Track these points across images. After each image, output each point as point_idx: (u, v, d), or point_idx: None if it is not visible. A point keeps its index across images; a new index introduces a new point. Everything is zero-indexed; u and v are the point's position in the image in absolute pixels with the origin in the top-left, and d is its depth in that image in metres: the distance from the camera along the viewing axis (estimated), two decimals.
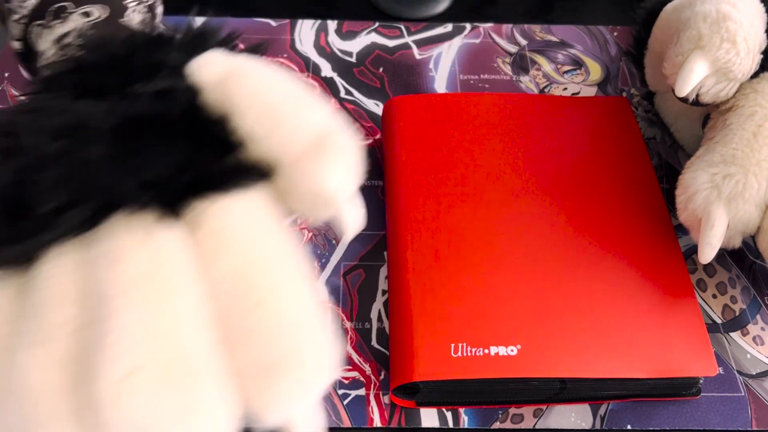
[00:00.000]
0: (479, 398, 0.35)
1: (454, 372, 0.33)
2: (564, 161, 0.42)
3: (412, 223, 0.39)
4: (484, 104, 0.45)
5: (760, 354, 0.38)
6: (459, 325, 0.35)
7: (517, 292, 0.36)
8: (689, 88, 0.36)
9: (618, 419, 0.35)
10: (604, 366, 0.34)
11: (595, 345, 0.34)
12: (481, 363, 0.33)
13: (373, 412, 0.35)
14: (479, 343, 0.34)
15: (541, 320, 0.35)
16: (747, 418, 0.36)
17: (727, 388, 0.37)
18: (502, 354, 0.34)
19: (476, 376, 0.33)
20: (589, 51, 0.53)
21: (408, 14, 0.56)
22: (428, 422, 0.35)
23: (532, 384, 0.34)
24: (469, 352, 0.34)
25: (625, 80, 0.51)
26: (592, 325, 0.35)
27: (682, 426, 0.35)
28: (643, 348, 0.34)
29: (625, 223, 0.39)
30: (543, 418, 0.35)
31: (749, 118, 0.36)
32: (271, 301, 0.26)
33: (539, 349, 0.34)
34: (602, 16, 0.56)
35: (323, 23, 0.54)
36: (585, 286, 0.36)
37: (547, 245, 0.38)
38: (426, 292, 0.36)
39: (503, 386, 0.35)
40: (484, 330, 0.34)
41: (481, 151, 0.42)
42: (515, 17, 0.56)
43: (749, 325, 0.39)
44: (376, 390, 0.36)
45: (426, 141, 0.42)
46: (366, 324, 0.38)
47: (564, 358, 0.34)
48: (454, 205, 0.39)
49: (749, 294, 0.40)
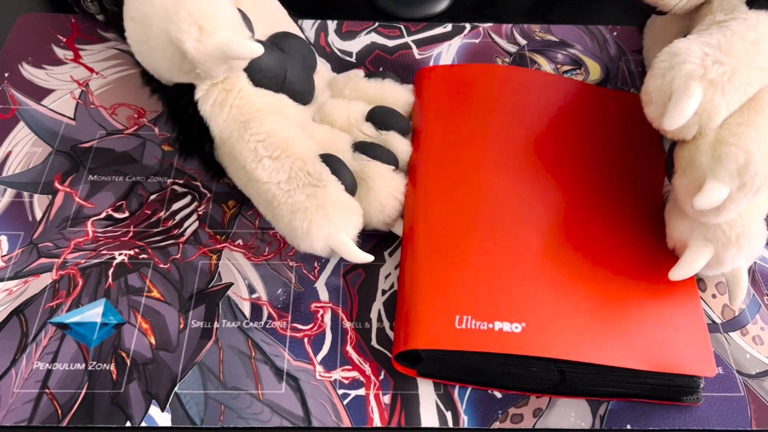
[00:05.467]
0: (478, 378, 0.35)
1: (457, 343, 0.33)
2: (581, 149, 0.42)
3: (428, 191, 0.39)
4: (516, 79, 0.44)
5: (759, 354, 0.38)
6: (465, 297, 0.34)
7: (525, 271, 0.36)
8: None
9: (618, 419, 0.35)
10: (604, 353, 0.33)
11: (597, 331, 0.34)
12: (484, 337, 0.33)
13: (373, 412, 0.35)
14: (484, 317, 0.34)
15: (547, 300, 0.35)
16: (747, 418, 0.36)
17: (727, 388, 0.37)
18: (506, 330, 0.33)
19: (479, 349, 0.33)
20: (588, 51, 0.53)
21: (408, 14, 0.56)
22: (428, 422, 0.35)
23: (531, 371, 0.34)
24: (474, 325, 0.33)
25: (624, 80, 0.51)
26: (596, 310, 0.35)
27: (681, 426, 0.35)
28: (644, 340, 0.34)
29: (636, 215, 0.39)
30: (543, 418, 0.35)
31: (750, 28, 0.35)
32: None
33: (543, 329, 0.34)
34: (602, 16, 0.56)
35: (323, 23, 0.54)
36: (592, 272, 0.36)
37: (558, 227, 0.38)
38: (435, 262, 0.36)
39: (503, 368, 0.34)
40: (489, 304, 0.34)
41: (501, 127, 0.42)
42: (515, 17, 0.56)
43: (749, 325, 0.39)
44: (376, 390, 0.36)
45: (449, 113, 0.42)
46: (366, 324, 0.38)
47: (566, 340, 0.33)
48: (470, 178, 0.39)
49: (749, 294, 0.40)
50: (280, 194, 0.36)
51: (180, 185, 0.44)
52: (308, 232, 0.36)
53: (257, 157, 0.36)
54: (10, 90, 0.48)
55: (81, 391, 0.35)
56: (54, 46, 0.52)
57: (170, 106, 0.39)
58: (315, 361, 0.37)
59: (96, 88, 0.49)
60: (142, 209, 0.43)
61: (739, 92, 0.33)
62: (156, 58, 0.37)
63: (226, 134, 0.37)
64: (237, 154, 0.37)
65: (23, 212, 0.42)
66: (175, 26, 0.34)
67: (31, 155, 0.45)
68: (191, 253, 0.41)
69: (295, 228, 0.36)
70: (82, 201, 0.43)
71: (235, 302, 0.39)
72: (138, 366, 0.36)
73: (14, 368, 0.36)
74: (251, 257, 0.41)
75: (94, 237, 0.41)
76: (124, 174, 0.44)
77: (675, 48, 0.35)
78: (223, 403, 0.35)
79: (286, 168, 0.36)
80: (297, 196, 0.36)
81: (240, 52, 0.34)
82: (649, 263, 0.37)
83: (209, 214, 0.42)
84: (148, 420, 0.35)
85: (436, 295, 0.34)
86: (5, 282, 0.39)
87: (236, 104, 0.37)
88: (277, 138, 0.37)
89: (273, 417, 0.35)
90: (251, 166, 0.36)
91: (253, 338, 0.38)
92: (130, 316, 0.38)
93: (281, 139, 0.37)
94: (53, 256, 0.40)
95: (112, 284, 0.39)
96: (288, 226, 0.36)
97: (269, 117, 0.37)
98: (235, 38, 0.34)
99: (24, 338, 0.37)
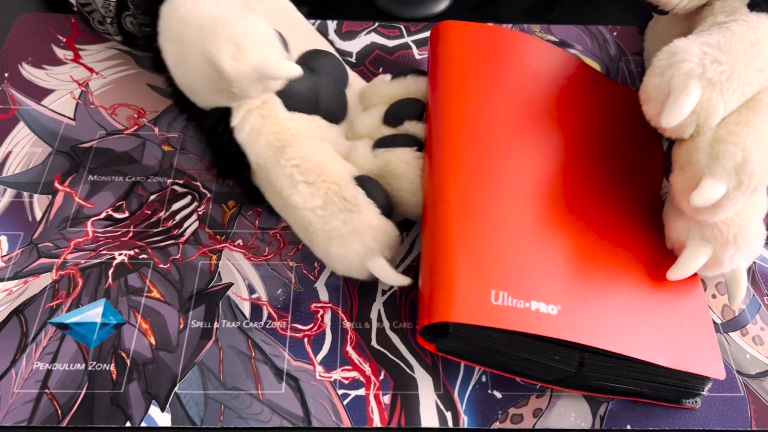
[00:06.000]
0: (494, 360, 0.34)
1: (494, 319, 0.31)
2: (595, 139, 0.41)
3: (459, 154, 0.36)
4: (539, 51, 0.43)
5: (759, 354, 0.38)
6: (501, 272, 0.33)
7: (562, 253, 0.35)
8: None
9: (617, 419, 0.35)
10: (631, 345, 0.33)
11: (624, 321, 0.34)
12: (520, 316, 0.31)
13: (372, 412, 0.35)
14: (521, 295, 0.32)
15: (582, 285, 0.34)
16: (746, 418, 0.36)
17: (727, 388, 0.37)
18: (543, 311, 0.32)
19: (514, 328, 0.31)
20: (588, 51, 0.53)
21: (408, 14, 0.55)
22: (428, 422, 0.35)
23: (553, 358, 0.33)
24: (510, 302, 0.32)
25: (624, 80, 0.51)
26: (625, 301, 0.34)
27: (681, 426, 0.35)
28: (665, 337, 0.34)
29: (637, 213, 0.39)
30: (543, 418, 0.35)
31: (750, 29, 0.35)
32: None
33: (577, 314, 0.33)
34: (602, 16, 0.56)
35: (323, 23, 0.54)
36: (624, 263, 0.36)
37: (593, 215, 0.37)
38: (469, 234, 0.34)
39: (525, 353, 0.33)
40: (526, 283, 0.33)
41: (524, 101, 0.40)
42: (515, 17, 0.56)
43: (749, 325, 0.39)
44: (376, 390, 0.36)
45: (474, 74, 0.40)
46: (366, 324, 0.38)
47: (598, 328, 0.33)
48: (500, 146, 0.37)
49: (749, 294, 0.40)
50: (316, 220, 0.36)
51: (180, 185, 0.44)
52: (345, 258, 0.36)
53: (293, 182, 0.36)
54: (10, 90, 0.48)
55: (81, 391, 0.35)
56: (54, 46, 0.52)
57: (207, 133, 0.39)
58: (315, 361, 0.37)
59: (96, 88, 0.49)
60: (142, 209, 0.43)
61: (738, 92, 0.33)
62: (192, 77, 0.37)
63: (262, 160, 0.37)
64: (273, 180, 0.37)
65: (23, 212, 0.42)
66: (211, 44, 0.34)
67: (31, 155, 0.45)
68: (191, 253, 0.41)
69: (332, 254, 0.36)
70: (82, 201, 0.43)
71: (235, 302, 0.39)
72: (138, 366, 0.36)
73: (14, 368, 0.36)
74: (251, 257, 0.41)
75: (94, 237, 0.41)
76: (124, 174, 0.44)
77: (674, 47, 0.35)
78: (223, 404, 0.35)
79: (322, 193, 0.36)
80: (333, 223, 0.36)
81: (276, 72, 0.34)
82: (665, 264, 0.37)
83: (209, 215, 0.42)
84: (148, 420, 0.35)
85: (470, 266, 0.32)
86: (5, 282, 0.39)
87: (272, 130, 0.37)
88: (312, 162, 0.36)
89: (273, 417, 0.35)
90: (287, 192, 0.36)
91: (253, 338, 0.38)
92: (130, 317, 0.38)
93: (316, 163, 0.36)
94: (53, 256, 0.40)
95: (112, 284, 0.39)
96: (325, 251, 0.36)
97: (304, 141, 0.37)
98: (272, 58, 0.34)
99: (24, 338, 0.37)
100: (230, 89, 0.35)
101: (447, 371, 0.37)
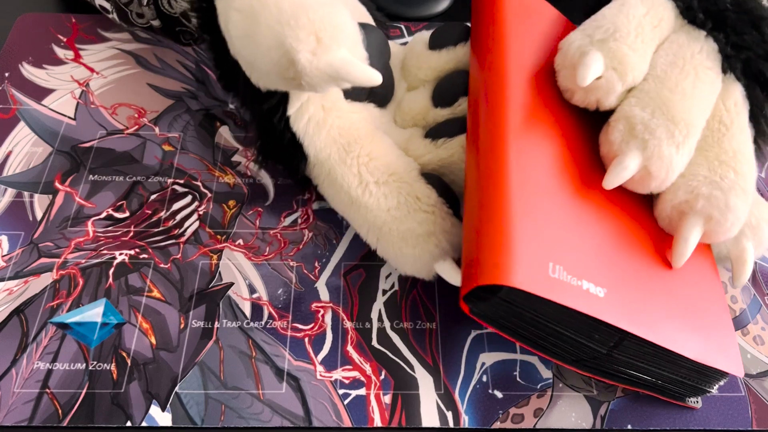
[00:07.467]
0: (529, 333, 0.33)
1: (550, 291, 0.30)
2: None
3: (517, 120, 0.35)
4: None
5: (760, 354, 0.38)
6: (559, 247, 0.32)
7: (609, 237, 0.35)
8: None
9: (618, 419, 0.35)
10: (667, 335, 0.33)
11: (660, 311, 0.33)
12: (573, 292, 0.31)
13: (373, 412, 0.35)
14: (575, 272, 0.32)
15: (625, 272, 0.34)
16: (747, 418, 0.36)
17: (728, 388, 0.37)
18: (592, 292, 0.32)
19: (567, 304, 0.30)
20: None
21: (408, 14, 0.55)
22: (429, 422, 0.35)
23: (593, 337, 0.33)
24: (565, 277, 0.31)
25: None
26: (661, 292, 0.34)
27: (682, 426, 0.35)
28: (694, 329, 0.34)
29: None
30: (543, 418, 0.35)
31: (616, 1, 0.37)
32: None
33: (622, 299, 0.32)
34: None
35: None
36: (659, 254, 0.36)
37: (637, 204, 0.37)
38: (529, 203, 0.32)
39: (564, 328, 0.33)
40: (580, 261, 0.32)
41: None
42: None
43: (749, 325, 0.39)
44: (377, 390, 0.36)
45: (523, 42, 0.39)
46: (366, 324, 0.38)
47: (639, 314, 0.32)
48: (555, 119, 0.37)
49: (749, 294, 0.40)
50: (390, 220, 0.35)
51: (180, 185, 0.44)
52: (419, 259, 0.35)
53: (362, 182, 0.35)
54: (10, 90, 0.49)
55: (81, 391, 0.35)
56: (54, 45, 0.52)
57: (260, 117, 0.37)
58: (315, 361, 0.37)
59: (96, 88, 0.49)
60: (142, 209, 0.43)
61: (636, 40, 0.35)
62: (257, 56, 0.33)
63: (324, 156, 0.36)
64: (338, 178, 0.36)
65: (23, 212, 0.42)
66: (292, 32, 0.31)
67: (31, 155, 0.45)
68: (192, 252, 0.41)
69: (406, 255, 0.35)
70: (82, 201, 0.43)
71: (235, 302, 0.39)
72: (138, 366, 0.36)
73: (14, 368, 0.36)
74: (252, 257, 0.41)
75: (95, 237, 0.41)
76: (125, 174, 0.44)
77: (560, 46, 0.37)
78: (223, 403, 0.35)
79: (395, 194, 0.35)
80: (409, 223, 0.35)
81: (354, 78, 0.31)
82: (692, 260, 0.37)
83: (210, 214, 0.42)
84: (149, 420, 0.35)
85: (531, 237, 0.32)
86: (5, 282, 0.39)
87: (336, 124, 0.35)
88: (380, 161, 0.35)
89: (273, 417, 0.35)
90: (356, 192, 0.35)
91: (253, 338, 0.38)
92: (131, 316, 0.38)
93: (385, 163, 0.35)
94: (54, 255, 0.40)
95: (113, 284, 0.39)
96: (398, 251, 0.36)
97: (368, 137, 0.36)
98: (352, 60, 0.32)
99: (24, 338, 0.37)
100: (298, 81, 0.32)
101: (448, 371, 0.37)
